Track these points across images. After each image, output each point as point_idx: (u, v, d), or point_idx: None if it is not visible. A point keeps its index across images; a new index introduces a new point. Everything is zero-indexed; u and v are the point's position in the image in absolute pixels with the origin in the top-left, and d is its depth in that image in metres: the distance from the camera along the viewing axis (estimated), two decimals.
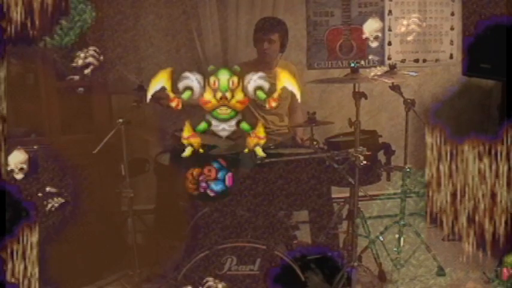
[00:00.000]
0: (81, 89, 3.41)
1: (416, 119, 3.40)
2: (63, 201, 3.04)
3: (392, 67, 3.28)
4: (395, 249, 3.42)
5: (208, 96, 2.49)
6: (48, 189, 2.96)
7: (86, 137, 3.49)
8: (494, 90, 4.38)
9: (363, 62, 4.38)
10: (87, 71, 2.83)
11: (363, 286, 3.33)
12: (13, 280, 2.34)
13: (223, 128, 2.55)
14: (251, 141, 2.53)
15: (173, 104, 2.52)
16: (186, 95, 2.48)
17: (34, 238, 2.37)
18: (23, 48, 2.93)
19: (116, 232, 3.68)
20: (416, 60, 4.48)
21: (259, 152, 2.56)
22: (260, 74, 2.50)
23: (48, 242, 2.88)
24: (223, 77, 2.47)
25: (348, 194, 3.49)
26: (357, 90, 3.03)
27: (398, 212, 3.45)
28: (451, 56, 4.51)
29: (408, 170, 3.34)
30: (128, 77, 3.99)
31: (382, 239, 3.50)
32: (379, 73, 3.10)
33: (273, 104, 2.51)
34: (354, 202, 3.17)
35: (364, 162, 3.01)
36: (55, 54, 3.17)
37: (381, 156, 3.43)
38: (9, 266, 2.33)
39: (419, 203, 4.49)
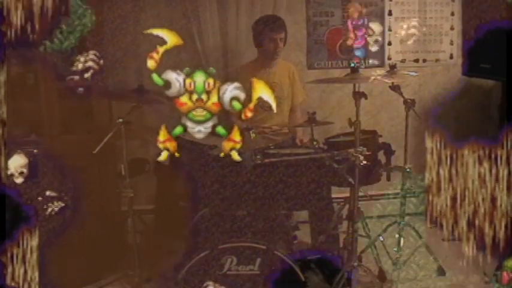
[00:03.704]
0: (81, 89, 3.41)
1: (416, 119, 3.40)
2: (63, 205, 3.04)
3: (392, 67, 3.29)
4: (395, 249, 3.42)
5: (184, 98, 2.50)
6: (48, 193, 2.96)
7: (86, 137, 3.49)
8: (494, 91, 4.38)
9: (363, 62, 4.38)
10: (87, 75, 2.84)
11: (363, 286, 3.33)
12: (13, 284, 2.33)
13: (199, 130, 2.56)
14: (227, 145, 2.52)
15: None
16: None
17: (34, 242, 2.36)
18: (23, 52, 2.94)
19: (116, 232, 3.68)
20: (416, 60, 4.48)
21: (235, 156, 2.55)
22: (236, 84, 2.51)
23: (48, 246, 2.88)
24: (199, 79, 2.48)
25: (348, 194, 3.49)
26: (357, 90, 3.03)
27: (399, 212, 3.45)
28: (451, 56, 4.51)
29: (408, 170, 3.34)
30: None
31: (382, 239, 3.50)
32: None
33: (249, 115, 2.51)
34: (354, 202, 3.17)
35: (364, 162, 3.01)
36: (55, 58, 3.18)
37: (381, 156, 3.43)
38: (9, 270, 2.32)
39: (420, 203, 4.50)
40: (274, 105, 2.50)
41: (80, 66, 2.84)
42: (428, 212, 2.50)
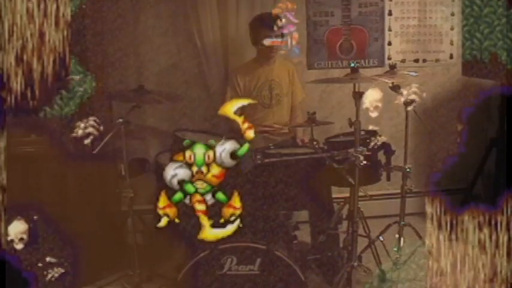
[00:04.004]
0: (81, 89, 3.41)
1: (416, 119, 3.40)
2: (63, 271, 3.06)
3: (392, 67, 3.29)
4: (395, 249, 3.42)
5: None
6: (48, 259, 2.97)
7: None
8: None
9: (363, 62, 4.38)
10: (87, 141, 2.85)
11: (363, 286, 3.33)
12: None
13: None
14: (227, 211, 2.53)
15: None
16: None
17: None
18: (23, 118, 2.97)
19: (116, 232, 3.68)
20: (416, 60, 4.48)
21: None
22: (231, 141, 2.51)
23: None
24: (199, 151, 2.48)
25: (348, 194, 3.49)
26: (356, 90, 3.03)
27: (398, 212, 3.45)
28: (451, 56, 4.51)
29: (408, 170, 3.33)
30: None
31: (382, 239, 3.50)
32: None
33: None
34: (354, 202, 3.17)
35: (364, 162, 3.02)
36: (55, 124, 3.22)
37: (381, 156, 3.43)
38: None
39: (419, 203, 4.50)
40: None
41: (80, 132, 2.85)
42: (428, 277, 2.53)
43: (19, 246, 2.64)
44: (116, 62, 4.19)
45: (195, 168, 2.49)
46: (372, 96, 3.02)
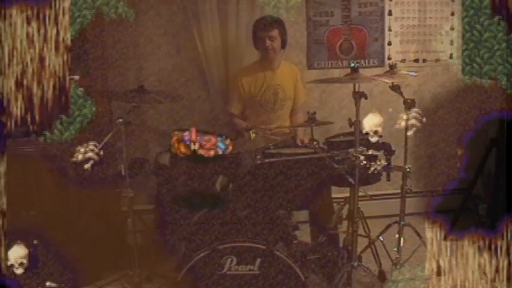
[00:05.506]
0: (81, 89, 3.41)
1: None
2: None
3: (392, 67, 3.28)
4: (395, 249, 3.42)
5: None
6: (48, 284, 2.97)
7: (86, 137, 3.48)
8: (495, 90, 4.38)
9: (363, 62, 4.38)
10: (87, 166, 2.86)
11: (363, 286, 3.33)
12: None
13: None
14: None
15: None
16: None
17: None
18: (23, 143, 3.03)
19: (116, 232, 3.68)
20: (416, 60, 4.48)
21: None
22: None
23: None
24: None
25: (348, 194, 3.49)
26: (356, 90, 3.03)
27: (398, 212, 3.45)
28: (451, 56, 4.51)
29: (408, 170, 3.33)
30: None
31: (382, 239, 3.50)
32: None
33: None
34: (354, 202, 3.17)
35: (364, 162, 3.02)
36: (55, 149, 3.23)
37: (381, 156, 3.43)
38: None
39: (419, 203, 4.50)
40: None
41: (80, 157, 2.86)
42: None
43: (19, 270, 2.65)
44: (116, 62, 4.19)
45: None
46: (372, 121, 3.03)
